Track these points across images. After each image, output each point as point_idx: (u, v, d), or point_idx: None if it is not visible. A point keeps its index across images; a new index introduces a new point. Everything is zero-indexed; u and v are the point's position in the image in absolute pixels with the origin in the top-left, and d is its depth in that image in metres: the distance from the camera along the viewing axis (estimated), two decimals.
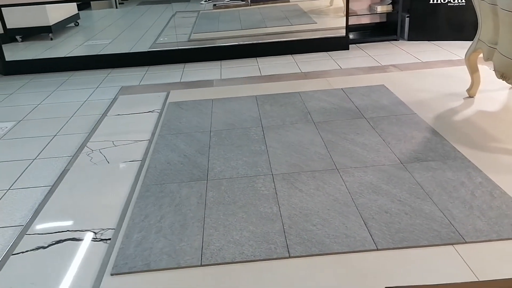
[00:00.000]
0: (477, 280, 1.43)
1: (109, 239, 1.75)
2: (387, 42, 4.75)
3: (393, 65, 3.83)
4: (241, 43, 4.46)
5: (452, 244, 1.61)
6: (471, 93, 2.94)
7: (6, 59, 4.36)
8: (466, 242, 1.61)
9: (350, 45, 4.64)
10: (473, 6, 2.79)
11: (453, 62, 3.80)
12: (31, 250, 1.71)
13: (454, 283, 0.86)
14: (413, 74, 3.49)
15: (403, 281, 1.45)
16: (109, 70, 4.34)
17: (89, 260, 1.64)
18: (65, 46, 4.76)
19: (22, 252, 1.70)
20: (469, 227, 1.68)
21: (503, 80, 2.41)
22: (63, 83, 3.99)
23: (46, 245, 1.73)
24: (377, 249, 1.60)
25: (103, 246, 1.71)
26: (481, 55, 2.74)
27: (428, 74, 3.48)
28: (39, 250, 1.71)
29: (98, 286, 1.50)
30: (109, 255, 1.65)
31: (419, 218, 1.75)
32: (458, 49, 4.17)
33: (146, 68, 4.34)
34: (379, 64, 3.90)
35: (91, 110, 3.25)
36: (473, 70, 2.88)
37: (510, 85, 2.74)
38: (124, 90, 3.63)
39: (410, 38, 4.74)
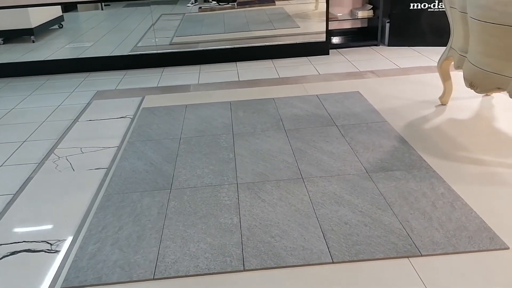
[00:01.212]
0: None
1: (64, 251, 1.72)
2: (368, 47, 4.76)
3: (371, 71, 3.83)
4: (222, 47, 4.45)
5: (407, 257, 1.60)
6: (443, 101, 2.95)
7: None
8: (421, 255, 1.60)
9: (331, 50, 4.65)
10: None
11: (430, 68, 3.81)
12: None
13: None
14: (389, 80, 3.49)
15: None
16: (87, 74, 4.30)
17: (41, 272, 1.61)
18: (47, 48, 4.71)
19: None
20: (427, 239, 1.67)
21: (471, 88, 2.42)
22: (40, 87, 3.95)
23: (0, 257, 1.70)
24: (333, 262, 1.59)
25: (57, 258, 1.69)
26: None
27: (404, 80, 3.48)
28: None
29: None
30: (62, 268, 1.62)
31: (378, 230, 1.74)
32: (436, 55, 4.18)
33: (124, 72, 4.31)
34: (357, 70, 3.90)
35: (64, 115, 3.21)
36: (445, 78, 2.88)
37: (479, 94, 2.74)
38: (99, 95, 3.60)
39: (390, 44, 4.75)
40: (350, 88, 3.36)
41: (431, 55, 4.25)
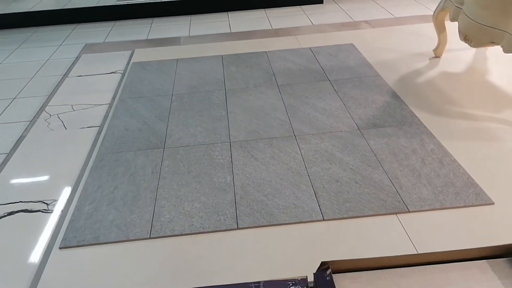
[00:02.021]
0: (415, 252, 1.48)
1: (61, 210, 1.76)
2: None
3: (365, 21, 3.77)
4: None
5: (396, 213, 1.65)
6: (437, 53, 2.92)
7: None
8: (409, 211, 1.65)
9: None
10: None
11: (425, 18, 3.75)
12: None
13: (387, 256, 0.89)
14: (384, 31, 3.44)
15: (343, 250, 1.50)
16: (74, 25, 4.19)
17: (39, 232, 1.65)
18: None
19: None
20: (415, 196, 1.71)
21: (465, 42, 2.39)
22: (26, 40, 3.86)
23: None
24: (323, 220, 1.63)
25: (54, 217, 1.72)
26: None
27: (399, 31, 3.43)
28: None
29: (47, 260, 1.51)
30: (59, 228, 1.66)
31: (368, 187, 1.78)
32: (433, 2, 4.10)
33: (113, 23, 4.20)
34: (352, 20, 3.83)
35: (53, 71, 3.16)
36: (440, 30, 2.84)
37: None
38: (88, 48, 3.53)
39: None
40: (344, 40, 3.31)
41: (427, 3, 4.16)
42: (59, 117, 2.48)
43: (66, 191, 1.87)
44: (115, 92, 2.74)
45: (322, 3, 4.44)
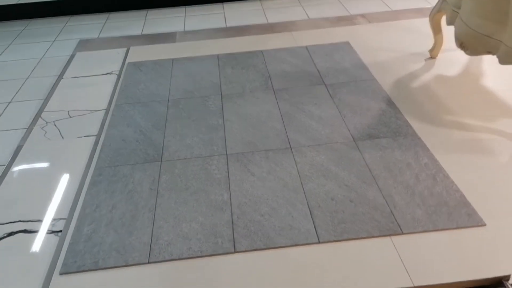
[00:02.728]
0: (407, 278, 1.52)
1: (60, 231, 1.79)
2: None
3: (362, 15, 3.74)
4: None
5: (390, 235, 1.68)
6: (433, 54, 2.92)
7: None
8: (403, 233, 1.69)
9: None
10: None
11: (422, 11, 3.72)
12: None
13: None
14: (380, 27, 3.42)
15: (338, 274, 1.54)
16: (68, 18, 4.14)
17: (40, 256, 1.68)
18: None
19: None
20: (408, 216, 1.75)
21: (461, 49, 2.39)
22: (20, 34, 3.82)
23: None
24: (319, 242, 1.67)
25: (54, 239, 1.75)
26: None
27: (395, 27, 3.41)
28: None
29: (47, 286, 1.55)
30: (60, 250, 1.69)
31: (363, 206, 1.81)
32: None
33: (107, 15, 4.15)
34: (348, 14, 3.80)
35: (47, 70, 3.14)
36: (436, 31, 2.83)
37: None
38: (82, 45, 3.50)
39: None
40: (340, 37, 3.30)
41: None
42: (55, 125, 2.48)
43: (66, 209, 1.90)
44: (111, 96, 2.73)
45: None
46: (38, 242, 1.75)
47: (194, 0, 4.27)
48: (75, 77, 3.00)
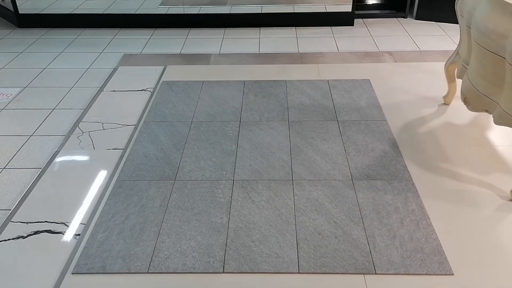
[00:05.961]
0: None
1: (79, 234, 2.07)
2: (395, 18, 4.73)
3: (389, 52, 3.89)
4: (248, 12, 4.53)
5: (363, 273, 1.86)
6: (446, 101, 3.05)
7: (20, 12, 4.55)
8: (376, 273, 1.86)
9: (356, 19, 4.65)
10: None
11: (448, 54, 3.81)
12: (12, 239, 2.04)
13: None
14: (403, 67, 3.57)
15: None
16: (117, 30, 4.51)
17: (58, 255, 1.96)
18: None
19: (5, 240, 2.03)
20: (385, 258, 1.92)
21: (464, 104, 2.52)
22: (71, 43, 4.20)
23: (25, 235, 2.06)
24: (299, 272, 1.87)
25: (72, 241, 2.03)
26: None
27: (417, 68, 3.55)
28: (19, 239, 2.04)
29: (60, 284, 1.82)
30: (75, 252, 1.97)
31: (345, 243, 1.99)
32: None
33: (152, 30, 4.49)
34: (376, 50, 3.96)
35: (91, 81, 3.49)
36: (450, 80, 2.96)
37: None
38: (126, 60, 3.83)
39: (418, 16, 4.71)
40: (362, 74, 3.47)
41: (455, 35, 4.22)
42: (90, 136, 2.79)
43: (86, 215, 2.18)
44: (142, 112, 3.02)
45: (353, 25, 4.56)
46: (58, 242, 2.03)
47: (234, 23, 4.55)
48: (114, 90, 3.32)
